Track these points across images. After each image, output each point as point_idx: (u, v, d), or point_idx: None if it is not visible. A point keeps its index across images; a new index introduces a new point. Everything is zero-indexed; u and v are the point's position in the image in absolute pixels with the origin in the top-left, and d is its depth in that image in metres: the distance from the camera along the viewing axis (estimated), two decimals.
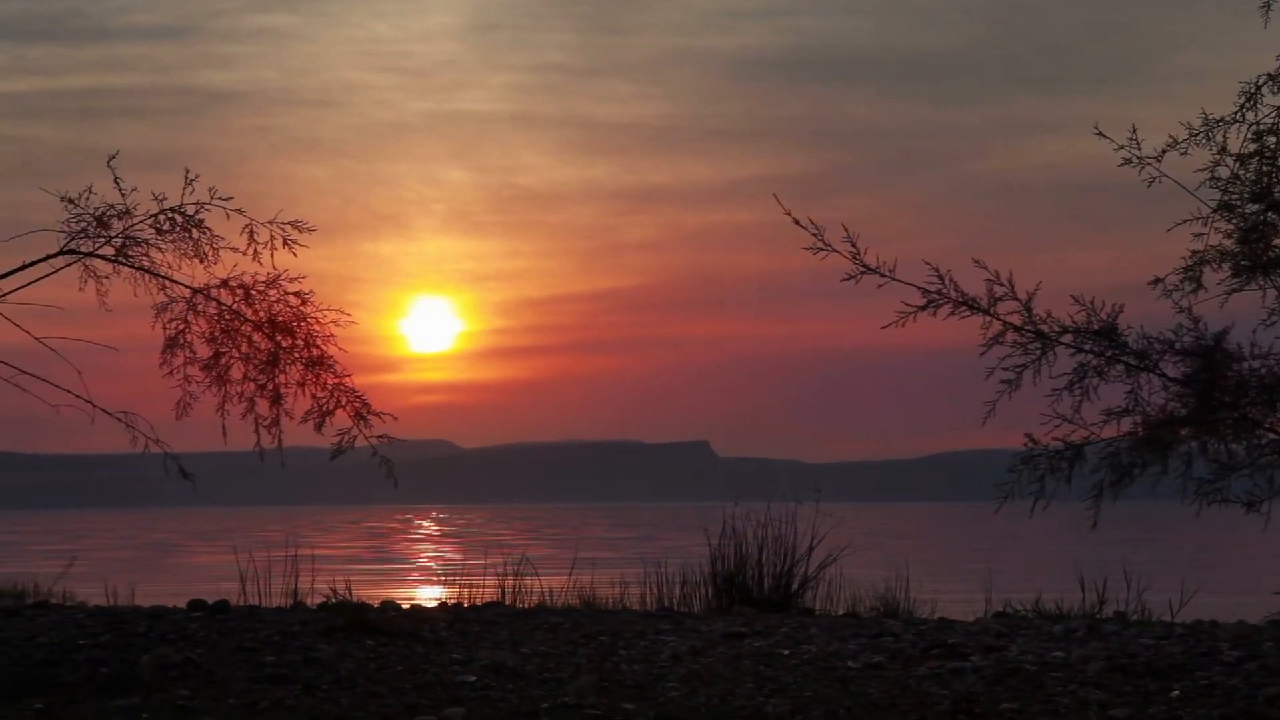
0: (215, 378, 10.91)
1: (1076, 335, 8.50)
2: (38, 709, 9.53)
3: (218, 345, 10.88)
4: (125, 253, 10.83)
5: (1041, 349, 8.54)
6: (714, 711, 9.41)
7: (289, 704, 9.62)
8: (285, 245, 10.81)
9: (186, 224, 10.80)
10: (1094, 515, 8.85)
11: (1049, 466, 8.67)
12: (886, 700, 9.71)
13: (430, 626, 12.86)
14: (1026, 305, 8.53)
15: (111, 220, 10.85)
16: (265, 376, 10.86)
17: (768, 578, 16.45)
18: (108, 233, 10.85)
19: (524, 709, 9.49)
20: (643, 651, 11.76)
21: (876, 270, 8.41)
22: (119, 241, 10.85)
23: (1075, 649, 11.64)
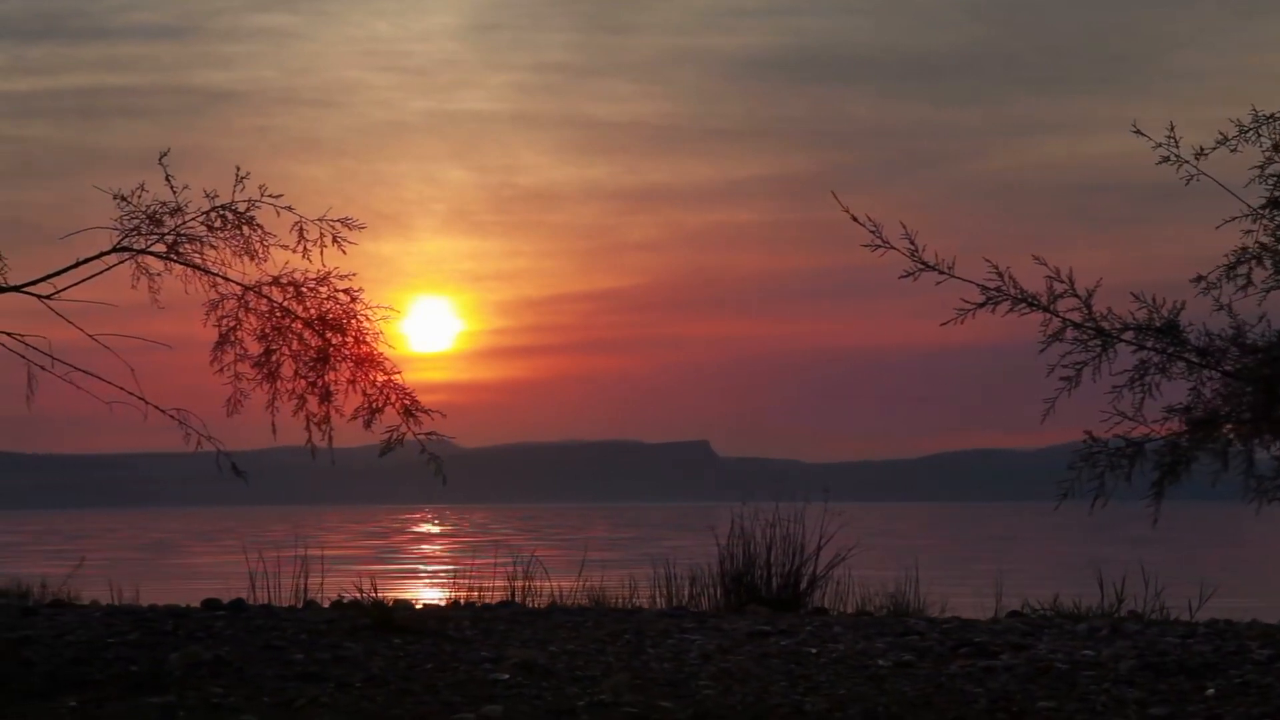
0: (266, 374, 10.92)
1: (1138, 332, 8.47)
2: (72, 706, 9.54)
3: (268, 342, 10.90)
4: (176, 250, 10.85)
5: (1102, 346, 8.51)
6: (751, 709, 9.41)
7: (324, 701, 9.63)
8: (335, 242, 10.83)
9: (238, 221, 10.82)
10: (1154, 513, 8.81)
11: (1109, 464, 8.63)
12: (922, 698, 9.71)
13: (454, 625, 12.91)
14: (1086, 302, 8.51)
15: (163, 217, 10.87)
16: (315, 373, 10.87)
17: (776, 577, 16.45)
18: (160, 230, 10.88)
19: (561, 707, 9.50)
20: (670, 650, 11.77)
21: (935, 267, 8.39)
22: (170, 238, 10.87)
23: (1104, 648, 11.65)
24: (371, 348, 10.86)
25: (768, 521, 16.46)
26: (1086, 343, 8.53)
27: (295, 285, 10.87)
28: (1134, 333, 8.46)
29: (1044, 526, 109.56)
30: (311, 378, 10.85)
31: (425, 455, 10.97)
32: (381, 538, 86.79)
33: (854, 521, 16.96)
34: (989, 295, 8.42)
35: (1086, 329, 8.49)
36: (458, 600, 15.86)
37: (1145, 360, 8.49)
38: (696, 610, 15.43)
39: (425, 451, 10.96)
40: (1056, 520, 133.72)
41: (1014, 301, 8.42)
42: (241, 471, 11.11)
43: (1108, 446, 8.62)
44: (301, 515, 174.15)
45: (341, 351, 10.80)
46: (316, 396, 10.87)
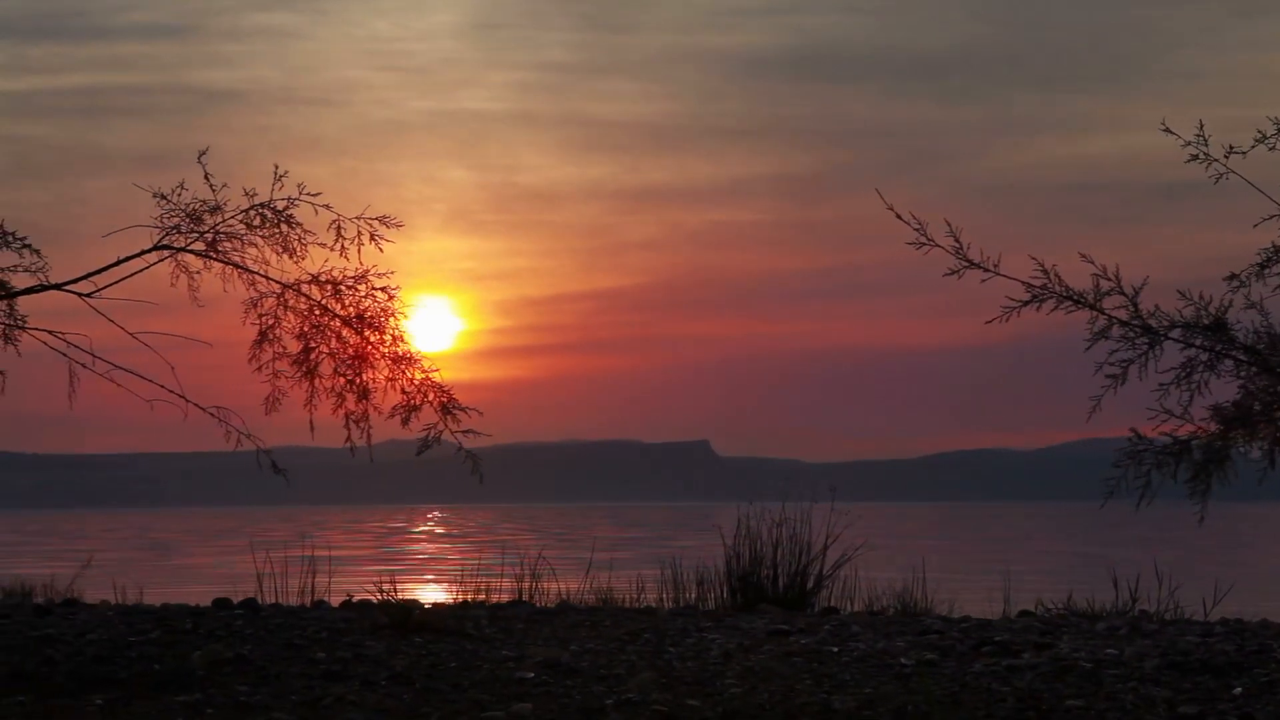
0: (304, 372, 10.92)
1: (1186, 330, 8.45)
2: (99, 705, 9.54)
3: (307, 340, 10.91)
4: (216, 247, 10.85)
5: (1149, 344, 8.50)
6: (778, 708, 9.41)
7: (351, 700, 9.64)
8: (372, 240, 10.85)
9: (276, 219, 10.84)
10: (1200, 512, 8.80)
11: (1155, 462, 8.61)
12: (949, 697, 9.71)
13: (473, 624, 12.93)
14: (1133, 300, 8.49)
15: (203, 215, 10.89)
16: (353, 371, 10.87)
17: (782, 576, 16.44)
18: (200, 228, 10.89)
19: (589, 705, 9.50)
20: (691, 649, 11.78)
21: (980, 265, 8.37)
22: (210, 236, 10.88)
23: (1125, 646, 11.66)
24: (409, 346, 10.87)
25: (774, 521, 16.43)
26: (1134, 341, 8.50)
27: (334, 283, 10.89)
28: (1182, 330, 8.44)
29: (1045, 526, 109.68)
30: (350, 375, 10.86)
31: (462, 453, 10.98)
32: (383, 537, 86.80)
33: (858, 521, 16.94)
34: (1034, 293, 8.40)
35: (1133, 327, 8.46)
36: (466, 600, 15.85)
37: (1192, 358, 8.47)
38: (704, 610, 15.42)
39: (461, 449, 10.97)
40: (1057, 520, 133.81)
41: (1059, 299, 8.40)
42: (281, 469, 11.10)
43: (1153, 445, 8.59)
44: (302, 515, 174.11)
45: (379, 349, 10.81)
46: (354, 394, 10.88)
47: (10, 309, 10.86)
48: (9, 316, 10.87)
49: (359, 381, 10.86)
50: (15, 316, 10.88)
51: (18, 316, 10.87)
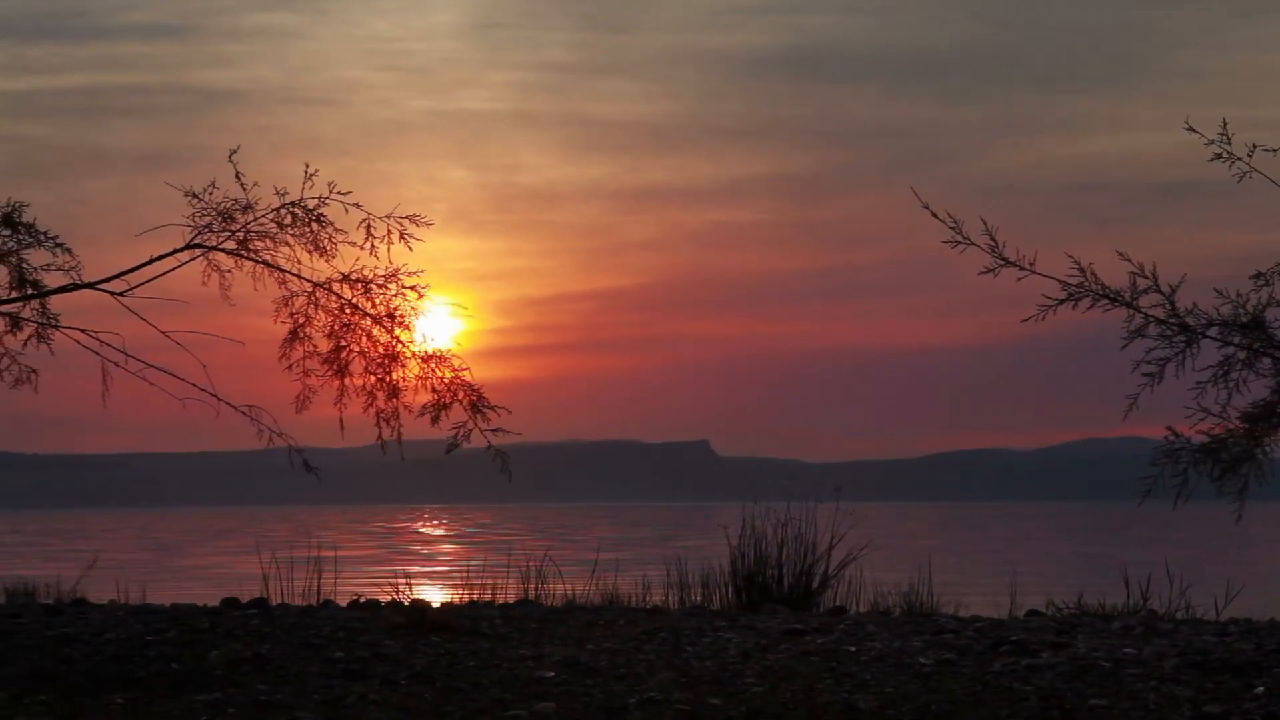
0: (335, 371, 10.93)
1: (1223, 328, 8.44)
2: (120, 703, 9.53)
3: (338, 339, 10.92)
4: (247, 246, 10.86)
5: (1186, 342, 8.48)
6: (801, 706, 9.41)
7: (373, 699, 9.63)
8: (402, 239, 10.85)
9: (307, 218, 10.85)
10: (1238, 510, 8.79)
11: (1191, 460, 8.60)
12: (972, 696, 9.71)
13: (488, 623, 12.95)
14: (1170, 298, 8.48)
15: (235, 214, 10.90)
16: (384, 370, 10.88)
17: (788, 576, 16.44)
18: (231, 227, 10.90)
19: (611, 704, 9.50)
20: (708, 648, 11.78)
21: (1015, 263, 8.36)
22: (241, 235, 10.89)
23: (1143, 646, 11.66)
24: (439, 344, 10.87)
25: (779, 520, 16.43)
26: (1171, 339, 8.49)
27: (364, 282, 10.90)
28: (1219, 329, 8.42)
29: (1046, 527, 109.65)
30: (380, 374, 10.86)
31: (491, 451, 10.99)
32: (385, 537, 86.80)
33: (862, 521, 16.94)
34: (1070, 292, 8.38)
35: (1170, 325, 8.44)
36: (473, 600, 15.87)
37: (1230, 356, 8.45)
38: (712, 609, 15.43)
39: (491, 448, 10.98)
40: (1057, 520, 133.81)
41: (1095, 298, 8.38)
42: (313, 468, 11.09)
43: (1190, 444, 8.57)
44: (301, 515, 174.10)
45: (409, 348, 10.81)
46: (385, 393, 10.88)
47: (42, 307, 10.88)
48: (41, 315, 10.89)
49: (389, 380, 10.87)
50: (48, 315, 10.91)
51: (50, 315, 10.91)
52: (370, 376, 10.89)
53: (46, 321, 10.92)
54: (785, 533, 16.44)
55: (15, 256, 10.81)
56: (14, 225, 10.78)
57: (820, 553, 16.49)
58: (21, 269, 10.83)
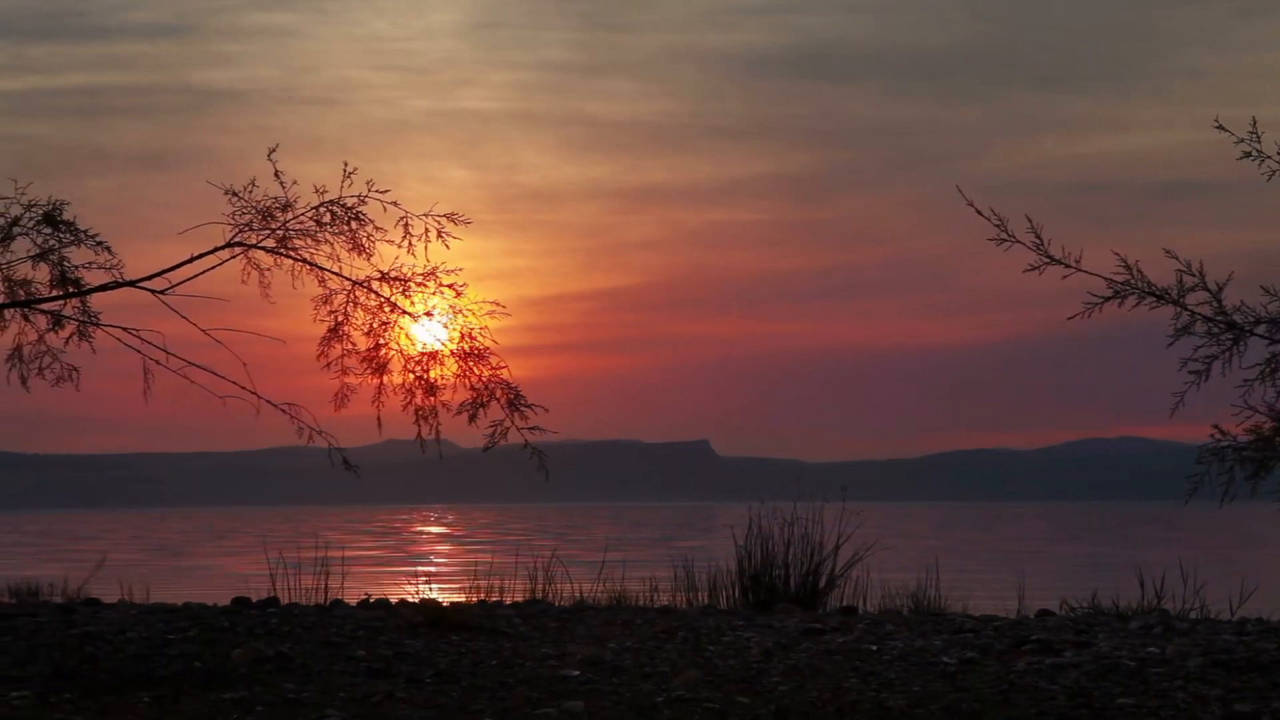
0: (373, 369, 10.94)
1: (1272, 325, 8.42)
2: (147, 701, 9.53)
3: (376, 337, 10.94)
4: (286, 244, 10.88)
5: (1233, 339, 8.47)
6: (830, 705, 9.40)
7: (400, 697, 9.62)
8: (439, 237, 10.87)
9: (346, 216, 10.87)
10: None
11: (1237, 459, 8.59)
12: (999, 695, 9.70)
13: (507, 622, 12.97)
14: (1217, 296, 8.47)
15: (274, 212, 10.91)
16: (422, 368, 10.89)
17: (794, 576, 16.45)
18: (270, 225, 10.92)
19: (640, 702, 9.49)
20: (729, 647, 11.80)
21: (1061, 261, 8.35)
22: (280, 234, 10.91)
23: (1165, 645, 11.65)
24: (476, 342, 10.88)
25: (785, 520, 16.44)
26: (1218, 337, 8.48)
27: (403, 280, 10.92)
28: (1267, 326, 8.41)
29: (1046, 527, 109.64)
30: (419, 372, 10.88)
31: (528, 449, 11.01)
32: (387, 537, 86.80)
33: (866, 522, 16.96)
34: (1116, 289, 8.37)
35: (1218, 323, 8.43)
36: (484, 599, 15.88)
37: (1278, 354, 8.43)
38: (721, 609, 15.43)
39: (528, 446, 10.99)
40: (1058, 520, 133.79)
41: (1141, 295, 8.37)
42: (353, 465, 11.10)
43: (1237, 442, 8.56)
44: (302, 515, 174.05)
45: (447, 346, 10.83)
46: (423, 390, 10.90)
47: (83, 305, 10.90)
48: (82, 313, 10.91)
49: (427, 378, 10.88)
50: (89, 313, 10.93)
51: (91, 313, 10.93)
52: (409, 374, 10.92)
53: (88, 319, 10.95)
54: (791, 532, 16.45)
55: (57, 255, 10.85)
56: (55, 223, 10.81)
57: (827, 553, 16.49)
58: (63, 267, 10.87)
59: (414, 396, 10.91)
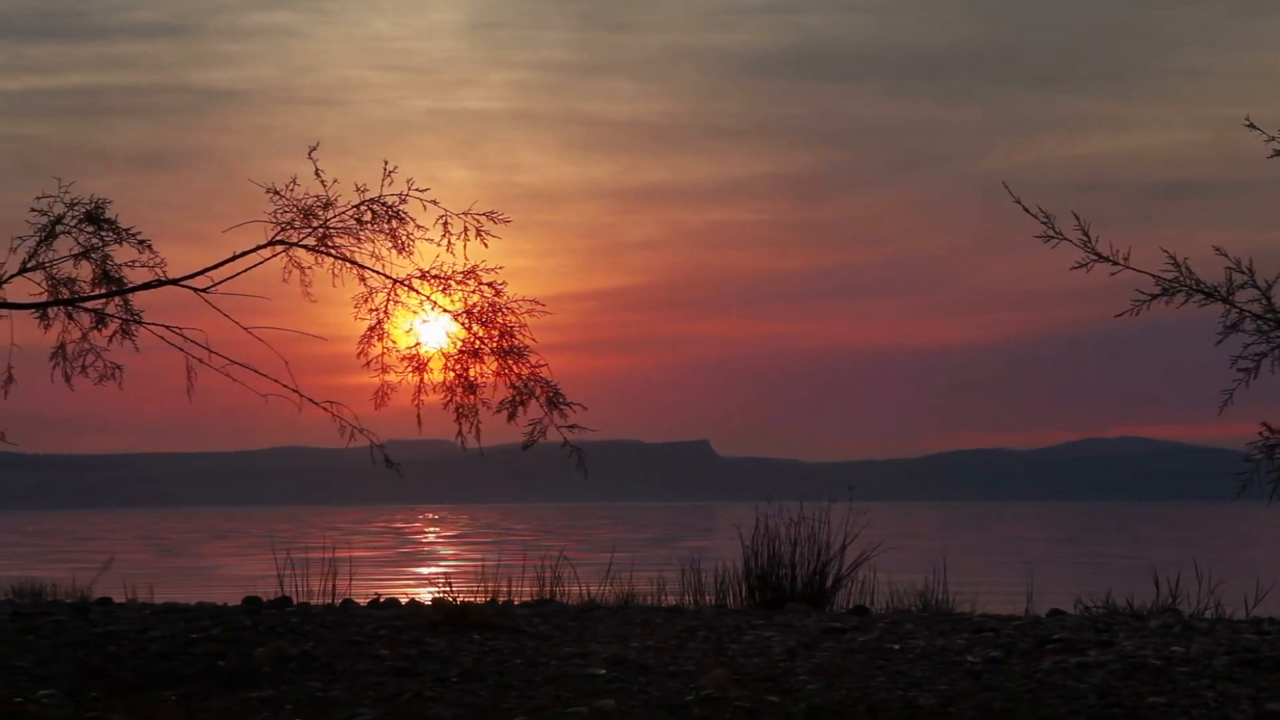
0: (413, 367, 10.96)
1: None
2: (173, 700, 9.54)
3: (417, 335, 10.95)
4: (327, 242, 10.91)
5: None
6: (860, 703, 9.38)
7: (429, 695, 9.62)
8: (478, 236, 10.89)
9: (387, 215, 10.89)
10: None
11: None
12: (1029, 694, 9.69)
13: (526, 622, 12.98)
14: (1266, 293, 8.45)
15: (315, 211, 10.94)
16: (462, 366, 10.91)
17: (800, 576, 16.45)
18: (312, 223, 10.94)
19: (669, 701, 9.48)
20: (752, 646, 11.80)
21: (1109, 259, 8.33)
22: (321, 232, 10.93)
23: (1188, 644, 11.63)
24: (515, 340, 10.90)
25: (792, 520, 16.44)
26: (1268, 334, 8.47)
27: (443, 278, 10.93)
28: None
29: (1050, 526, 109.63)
30: (459, 370, 10.89)
31: (567, 447, 11.01)
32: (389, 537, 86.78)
33: (872, 522, 16.95)
34: (1165, 286, 8.36)
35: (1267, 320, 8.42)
36: (493, 598, 15.87)
37: None
38: (731, 610, 15.41)
39: (566, 444, 11.00)
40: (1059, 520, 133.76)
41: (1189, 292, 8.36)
42: (394, 463, 11.10)
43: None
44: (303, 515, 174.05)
45: (488, 344, 10.84)
46: (463, 388, 10.91)
47: (125, 304, 10.92)
48: (125, 311, 10.93)
49: (467, 376, 10.89)
50: (131, 311, 10.95)
51: (134, 311, 10.95)
52: (449, 372, 10.92)
53: (131, 318, 10.97)
54: (798, 532, 16.44)
55: (100, 253, 10.87)
56: (97, 222, 10.83)
57: (833, 552, 16.49)
58: (105, 266, 10.89)
59: (454, 394, 10.91)
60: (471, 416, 10.98)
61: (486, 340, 10.81)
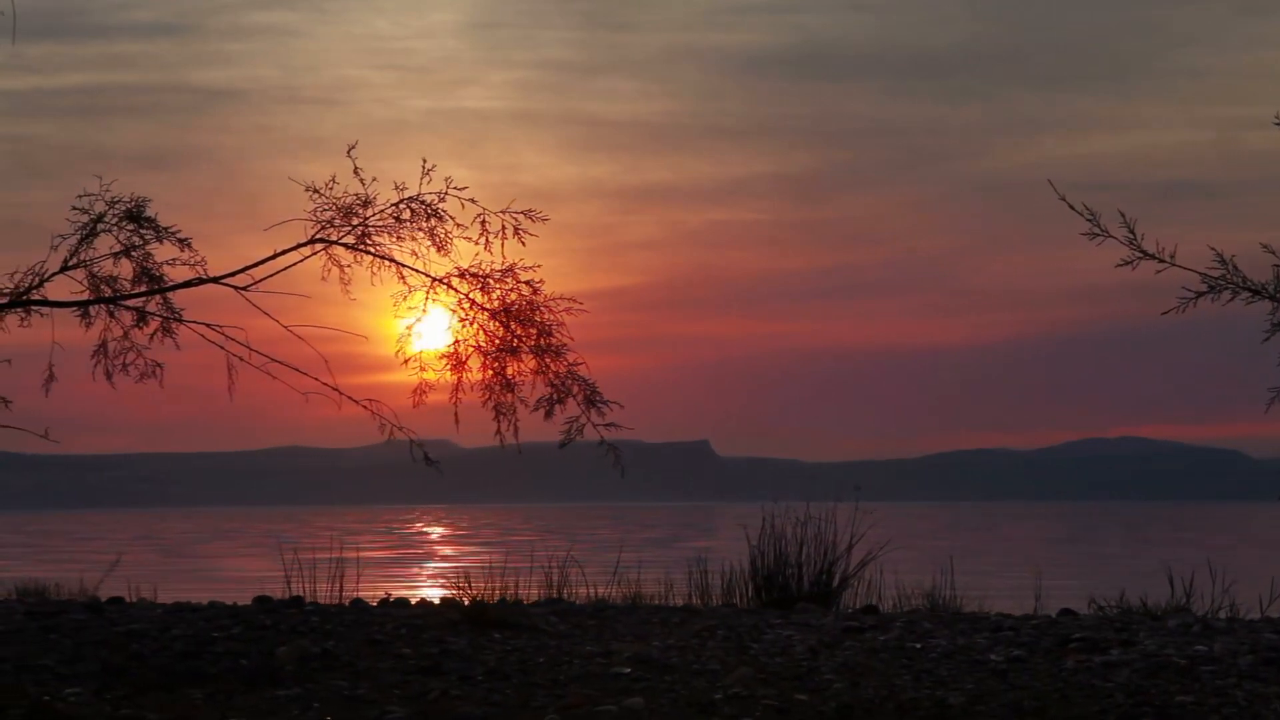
0: (452, 365, 10.97)
1: None
2: (199, 698, 9.54)
3: (455, 333, 10.97)
4: (366, 240, 10.94)
5: None
6: (889, 703, 9.38)
7: (456, 694, 9.62)
8: (516, 234, 10.90)
9: (426, 213, 10.91)
10: None
11: None
12: (1056, 692, 9.69)
13: (545, 621, 12.96)
14: None
15: (355, 209, 10.96)
16: (500, 364, 10.91)
17: (807, 575, 16.45)
18: (351, 222, 10.97)
19: (697, 699, 9.48)
20: (773, 645, 11.80)
21: (1154, 256, 8.32)
22: (360, 230, 10.96)
23: (1210, 643, 11.62)
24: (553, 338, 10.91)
25: (799, 520, 16.45)
26: None
27: (481, 277, 10.95)
28: None
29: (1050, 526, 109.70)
30: (497, 368, 10.89)
31: (603, 446, 11.01)
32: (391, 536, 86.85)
33: (879, 523, 16.96)
34: (1211, 284, 8.35)
35: None
36: (503, 598, 15.87)
37: None
38: (744, 609, 15.41)
39: (604, 443, 11.00)
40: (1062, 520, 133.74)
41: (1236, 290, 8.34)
42: (433, 461, 11.10)
43: None
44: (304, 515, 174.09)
45: (525, 342, 10.84)
46: (501, 386, 10.91)
47: (165, 301, 10.93)
48: (165, 309, 10.95)
49: (505, 374, 10.90)
50: (172, 309, 10.97)
51: (175, 309, 10.97)
52: (487, 370, 10.93)
53: (172, 316, 10.99)
54: (804, 532, 16.45)
55: (141, 251, 10.90)
56: (138, 220, 10.86)
57: (840, 552, 16.49)
58: (146, 264, 10.92)
59: (493, 393, 10.91)
60: (510, 415, 10.98)
61: (525, 338, 10.82)
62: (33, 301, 10.79)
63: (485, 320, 10.89)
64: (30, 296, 10.78)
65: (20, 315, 10.83)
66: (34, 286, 10.79)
